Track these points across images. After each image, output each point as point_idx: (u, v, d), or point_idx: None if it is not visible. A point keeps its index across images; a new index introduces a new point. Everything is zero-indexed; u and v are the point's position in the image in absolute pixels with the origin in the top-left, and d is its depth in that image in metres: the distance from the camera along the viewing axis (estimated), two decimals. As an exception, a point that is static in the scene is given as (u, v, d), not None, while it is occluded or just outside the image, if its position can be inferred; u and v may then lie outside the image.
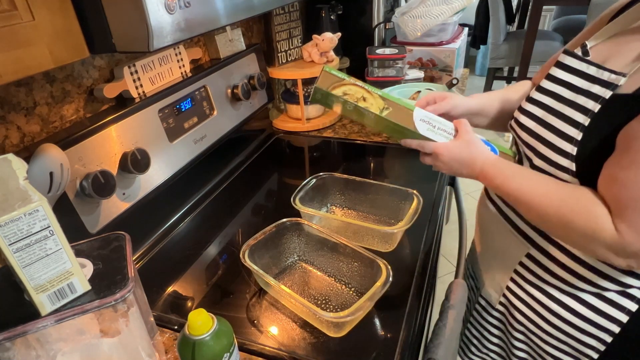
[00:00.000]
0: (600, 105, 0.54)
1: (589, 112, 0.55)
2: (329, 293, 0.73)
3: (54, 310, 0.48)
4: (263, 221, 0.81)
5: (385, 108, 0.66)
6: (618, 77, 0.54)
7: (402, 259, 0.81)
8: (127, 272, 0.52)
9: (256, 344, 0.65)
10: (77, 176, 0.70)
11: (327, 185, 0.94)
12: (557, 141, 0.59)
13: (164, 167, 0.89)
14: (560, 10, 3.70)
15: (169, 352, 0.64)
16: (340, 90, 0.67)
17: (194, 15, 0.56)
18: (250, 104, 1.18)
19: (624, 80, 0.53)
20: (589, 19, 2.43)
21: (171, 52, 0.95)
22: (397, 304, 0.70)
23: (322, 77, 0.67)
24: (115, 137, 0.77)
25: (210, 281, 0.78)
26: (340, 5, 1.46)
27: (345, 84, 0.67)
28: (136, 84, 0.87)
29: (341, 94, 0.67)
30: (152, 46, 0.51)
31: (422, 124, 0.67)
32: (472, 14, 3.35)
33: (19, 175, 0.47)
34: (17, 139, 0.70)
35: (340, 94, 0.67)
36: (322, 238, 0.77)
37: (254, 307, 0.72)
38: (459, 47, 1.52)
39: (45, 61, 0.47)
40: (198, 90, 0.99)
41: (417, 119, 0.67)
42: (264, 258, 0.75)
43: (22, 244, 0.43)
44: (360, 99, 0.67)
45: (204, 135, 1.00)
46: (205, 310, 0.52)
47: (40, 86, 0.72)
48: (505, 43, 2.96)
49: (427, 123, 0.67)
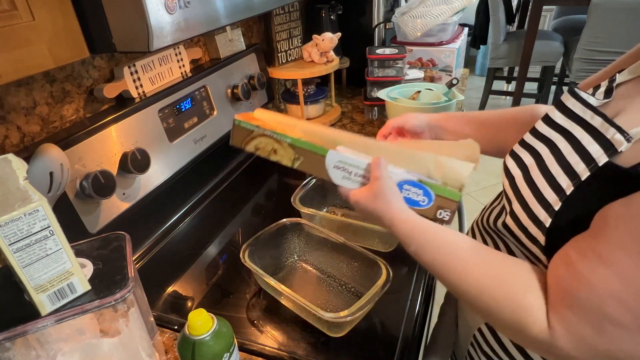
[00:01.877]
0: (590, 173, 0.43)
1: (575, 179, 0.44)
2: (329, 293, 0.73)
3: (54, 310, 0.48)
4: (263, 221, 0.81)
5: (296, 159, 0.60)
6: (621, 140, 0.41)
7: (402, 259, 0.81)
8: (127, 272, 0.52)
9: (256, 344, 0.65)
10: (77, 176, 0.70)
11: (327, 185, 0.94)
12: (532, 203, 0.48)
13: (164, 167, 0.89)
14: (560, 10, 3.70)
15: (169, 352, 0.64)
16: (252, 145, 0.62)
17: (194, 15, 0.56)
18: (250, 104, 1.18)
19: (626, 146, 0.41)
20: (589, 19, 2.43)
21: (171, 52, 0.95)
22: (397, 304, 0.70)
23: (234, 131, 0.63)
24: (115, 137, 0.77)
25: (210, 281, 0.78)
26: (340, 5, 1.46)
27: (255, 136, 0.61)
28: (136, 84, 0.87)
29: (253, 149, 0.62)
30: (152, 46, 0.51)
31: (336, 171, 0.59)
32: (472, 14, 3.35)
33: (19, 175, 0.47)
34: (17, 139, 0.69)
35: (253, 149, 0.62)
36: (322, 238, 0.77)
37: (254, 307, 0.72)
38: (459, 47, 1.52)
39: (45, 61, 0.47)
40: (198, 90, 0.99)
41: (330, 167, 0.59)
42: (264, 258, 0.75)
43: (22, 244, 0.43)
44: (271, 151, 0.61)
45: (204, 135, 1.00)
46: (205, 310, 0.52)
47: (40, 86, 0.72)
48: (505, 43, 2.96)
49: (341, 170, 0.59)
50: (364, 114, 1.41)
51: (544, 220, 0.46)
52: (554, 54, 2.89)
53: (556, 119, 0.52)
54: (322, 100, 1.37)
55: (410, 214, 0.54)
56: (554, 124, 0.52)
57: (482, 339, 0.61)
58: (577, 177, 0.44)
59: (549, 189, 0.47)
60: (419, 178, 0.56)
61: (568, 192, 0.44)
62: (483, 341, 0.61)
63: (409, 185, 0.57)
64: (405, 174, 0.57)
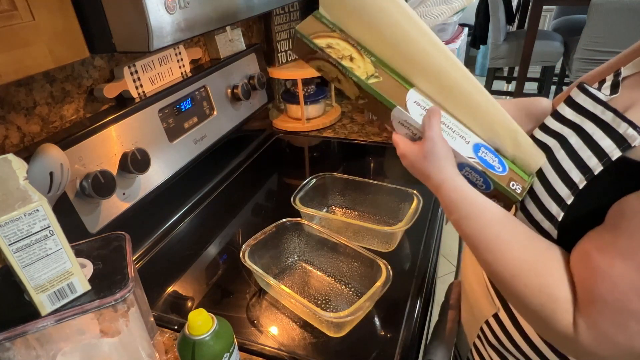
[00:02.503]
0: (603, 167, 0.43)
1: (587, 173, 0.44)
2: (329, 293, 0.73)
3: (54, 310, 0.48)
4: (263, 221, 0.81)
5: (374, 76, 0.52)
6: (635, 135, 0.41)
7: (402, 259, 0.81)
8: (127, 272, 0.52)
9: (256, 344, 0.65)
10: (77, 176, 0.70)
11: (327, 185, 0.94)
12: (544, 198, 0.48)
13: (164, 167, 0.89)
14: (560, 10, 3.70)
15: (169, 352, 0.64)
16: (325, 41, 0.52)
17: (194, 15, 0.56)
18: (250, 104, 1.18)
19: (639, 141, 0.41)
20: (589, 19, 2.43)
21: (171, 52, 0.95)
22: (397, 304, 0.70)
23: (308, 22, 0.53)
24: (115, 137, 0.77)
25: (210, 281, 0.78)
26: (340, 5, 1.46)
27: (334, 36, 0.53)
28: (136, 84, 0.87)
29: (325, 45, 0.52)
30: (152, 46, 0.51)
31: (416, 107, 0.52)
32: (472, 14, 3.35)
33: (19, 175, 0.47)
34: (17, 139, 0.69)
35: (324, 45, 0.52)
36: (322, 238, 0.77)
37: (254, 307, 0.72)
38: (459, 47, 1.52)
39: (45, 61, 0.47)
40: (198, 90, 0.99)
41: (411, 100, 0.52)
42: (264, 258, 0.75)
43: (22, 244, 0.43)
44: (347, 57, 0.52)
45: (204, 135, 1.00)
46: (205, 310, 0.52)
47: (40, 86, 0.72)
48: (505, 43, 2.96)
49: (422, 108, 0.52)
50: (364, 114, 1.41)
51: (556, 215, 0.46)
52: (554, 54, 2.89)
53: (566, 114, 0.52)
54: (322, 100, 1.37)
55: (461, 183, 0.51)
56: (564, 120, 0.52)
57: (489, 332, 0.61)
58: (590, 171, 0.44)
59: (560, 183, 0.47)
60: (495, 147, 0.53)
61: (581, 187, 0.44)
62: (491, 334, 0.61)
63: (485, 149, 0.53)
64: (479, 140, 0.53)
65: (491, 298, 0.60)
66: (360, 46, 0.53)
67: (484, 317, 0.62)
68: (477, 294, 0.64)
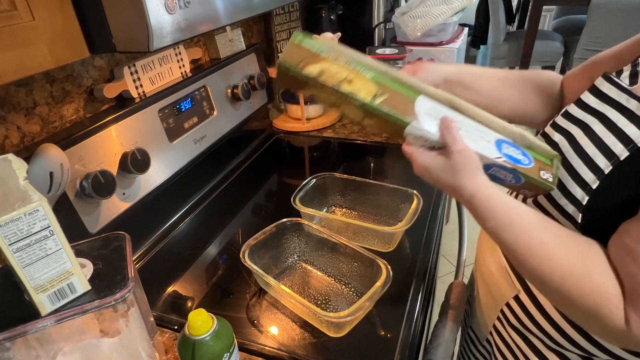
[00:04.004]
0: (629, 153, 0.43)
1: (613, 158, 0.45)
2: (329, 293, 0.73)
3: (54, 310, 0.48)
4: (263, 221, 0.81)
5: (379, 94, 0.48)
6: None
7: (402, 259, 0.81)
8: (127, 272, 0.52)
9: (256, 344, 0.65)
10: (77, 176, 0.70)
11: (327, 185, 0.94)
12: (569, 183, 0.49)
13: (164, 167, 0.89)
14: (560, 10, 3.70)
15: (169, 352, 0.64)
16: (315, 68, 0.48)
17: (194, 15, 0.56)
18: (250, 104, 1.18)
19: None
20: (589, 19, 2.43)
21: (171, 52, 0.95)
22: (397, 304, 0.70)
23: (290, 50, 0.48)
24: (115, 137, 0.77)
25: (210, 281, 0.78)
26: (340, 5, 1.46)
27: (323, 59, 0.48)
28: (136, 84, 0.87)
29: (317, 73, 0.48)
30: (152, 46, 0.51)
31: (429, 118, 0.49)
32: (472, 14, 3.34)
33: (19, 175, 0.47)
34: (17, 139, 0.69)
35: (316, 73, 0.48)
36: (322, 238, 0.77)
37: (254, 307, 0.72)
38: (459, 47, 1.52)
39: (45, 61, 0.47)
40: (198, 90, 0.99)
41: (422, 112, 0.49)
42: (264, 258, 0.75)
43: (22, 244, 0.43)
44: (344, 81, 0.48)
45: (204, 135, 1.00)
46: (205, 310, 0.52)
47: (40, 86, 0.72)
48: (505, 43, 2.96)
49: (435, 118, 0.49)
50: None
51: (581, 199, 0.47)
52: (554, 54, 2.89)
53: (590, 102, 0.52)
54: (322, 100, 1.37)
55: (495, 190, 0.49)
56: (587, 108, 0.52)
57: (510, 313, 0.61)
58: (616, 157, 0.45)
59: (585, 168, 0.47)
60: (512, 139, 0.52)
61: (606, 172, 0.45)
62: (512, 315, 0.61)
63: (506, 144, 0.51)
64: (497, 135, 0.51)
65: (511, 280, 0.60)
66: (354, 63, 0.49)
67: (504, 299, 0.62)
68: (497, 277, 0.64)
